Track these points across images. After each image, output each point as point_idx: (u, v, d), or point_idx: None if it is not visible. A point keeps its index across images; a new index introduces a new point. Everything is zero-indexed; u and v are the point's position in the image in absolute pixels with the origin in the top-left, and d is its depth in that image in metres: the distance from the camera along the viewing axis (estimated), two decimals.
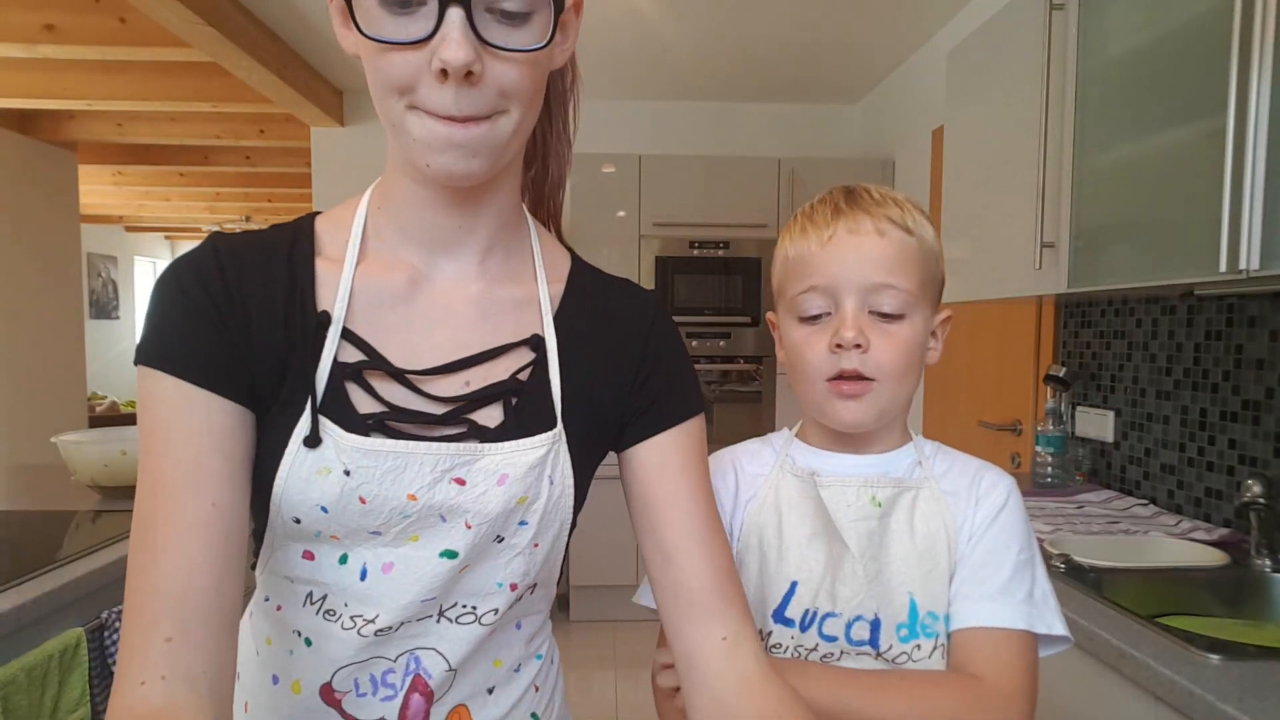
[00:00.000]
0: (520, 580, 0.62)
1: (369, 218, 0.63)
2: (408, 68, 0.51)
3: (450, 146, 0.52)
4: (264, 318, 0.56)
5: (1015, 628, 0.65)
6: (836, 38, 2.97)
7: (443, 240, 0.62)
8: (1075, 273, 1.53)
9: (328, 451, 0.55)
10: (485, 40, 0.50)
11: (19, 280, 3.83)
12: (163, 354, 0.53)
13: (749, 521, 0.72)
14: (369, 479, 0.55)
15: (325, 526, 0.57)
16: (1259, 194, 1.09)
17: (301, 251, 0.60)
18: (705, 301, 3.30)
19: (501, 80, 0.52)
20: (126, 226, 8.09)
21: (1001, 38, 1.82)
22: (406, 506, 0.57)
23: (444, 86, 0.51)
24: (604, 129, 3.74)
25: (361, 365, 0.58)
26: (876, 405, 0.68)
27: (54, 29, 2.61)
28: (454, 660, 0.61)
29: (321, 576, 0.59)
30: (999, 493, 0.70)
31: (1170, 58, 1.30)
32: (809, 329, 0.70)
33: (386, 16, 0.50)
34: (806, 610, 0.68)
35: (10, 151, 3.77)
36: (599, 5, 2.69)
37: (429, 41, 0.50)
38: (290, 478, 0.55)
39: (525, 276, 0.66)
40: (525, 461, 0.59)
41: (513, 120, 0.54)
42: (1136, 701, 1.01)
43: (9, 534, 1.47)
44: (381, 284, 0.60)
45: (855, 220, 0.68)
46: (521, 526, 0.60)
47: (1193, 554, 1.38)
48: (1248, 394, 1.47)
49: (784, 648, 0.69)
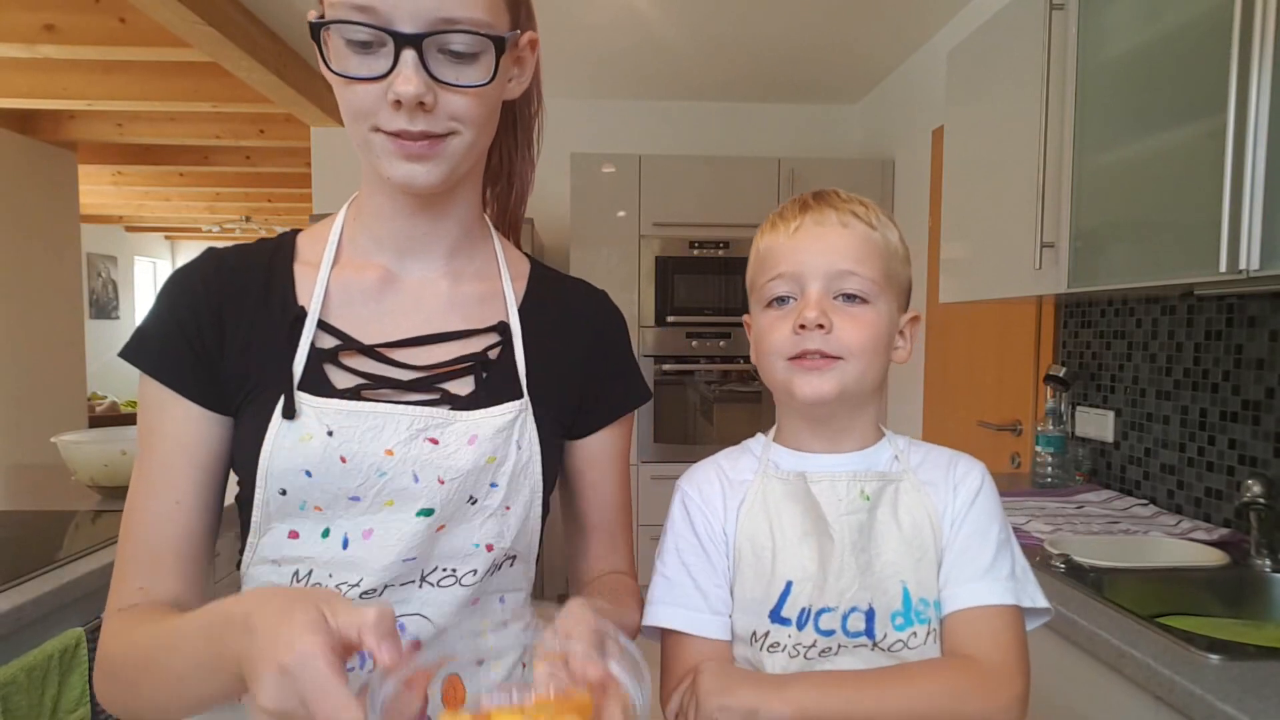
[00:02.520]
0: (495, 541, 0.67)
1: (345, 227, 0.71)
2: (369, 98, 0.59)
3: (408, 158, 0.61)
4: (239, 323, 0.65)
5: (1005, 603, 0.67)
6: (836, 38, 2.97)
7: (410, 244, 0.69)
8: (1075, 273, 1.53)
9: (309, 420, 0.62)
10: (435, 77, 0.59)
11: (19, 280, 3.82)
12: (147, 357, 0.64)
13: (741, 527, 0.73)
14: (350, 437, 0.62)
15: (309, 495, 0.62)
16: (1259, 194, 1.09)
17: (282, 259, 0.69)
18: (705, 301, 3.29)
19: (451, 108, 0.60)
20: (126, 226, 8.09)
21: (1001, 38, 1.82)
22: (384, 463, 0.62)
23: (399, 113, 0.59)
24: (604, 129, 3.74)
25: (337, 349, 0.65)
26: (840, 380, 0.69)
27: (54, 29, 2.61)
28: (439, 621, 0.64)
29: (307, 551, 0.63)
30: (973, 478, 0.73)
31: (1170, 57, 1.30)
32: (775, 313, 0.72)
33: (353, 56, 0.59)
34: (803, 609, 0.69)
35: (10, 151, 3.77)
36: (599, 5, 2.69)
37: (386, 77, 0.58)
38: (275, 448, 0.61)
39: (490, 274, 0.74)
40: (494, 425, 0.65)
41: (465, 140, 0.62)
42: (1136, 701, 1.01)
43: (9, 534, 1.47)
44: (355, 281, 0.68)
45: (821, 213, 0.71)
46: (493, 488, 0.66)
47: (1193, 554, 1.37)
48: (1248, 394, 1.47)
49: (782, 646, 0.69)
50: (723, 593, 0.72)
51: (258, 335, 0.65)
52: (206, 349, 0.64)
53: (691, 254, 3.27)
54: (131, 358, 0.64)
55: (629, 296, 3.26)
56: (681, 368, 3.30)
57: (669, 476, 3.37)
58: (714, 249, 3.27)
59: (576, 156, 3.25)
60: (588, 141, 3.64)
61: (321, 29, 0.60)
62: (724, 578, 0.73)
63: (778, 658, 0.69)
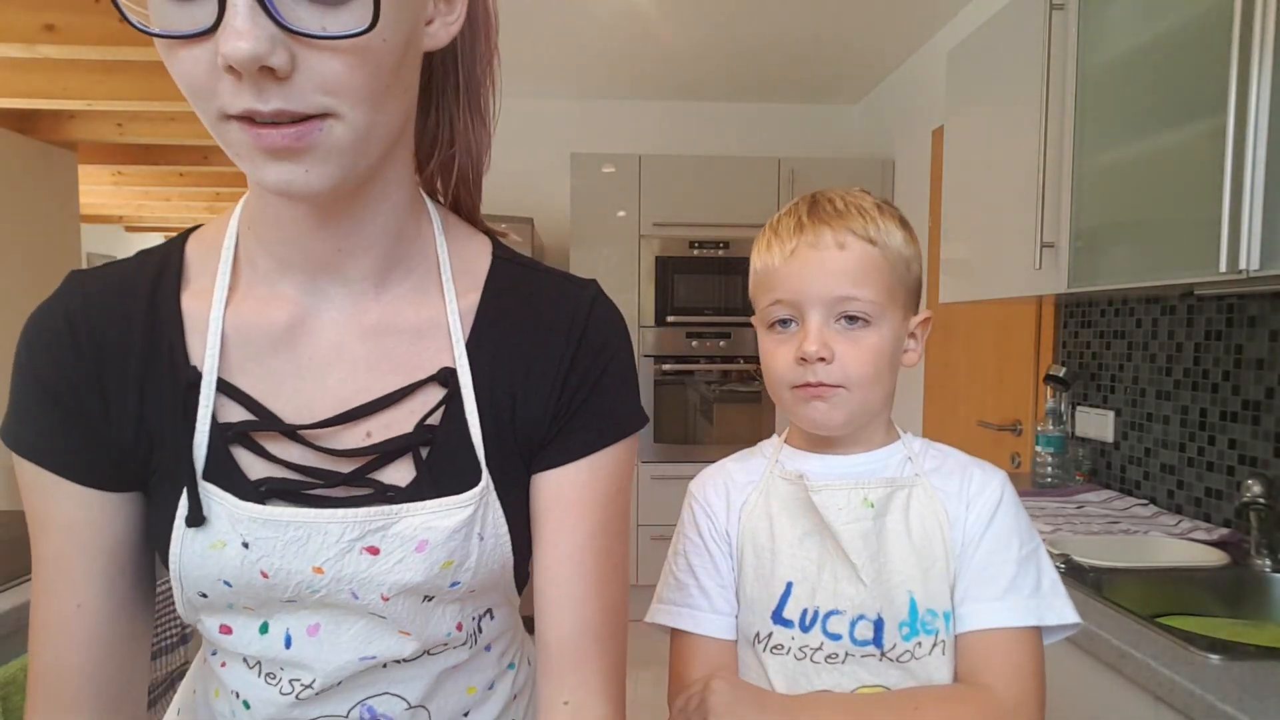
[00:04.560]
0: (465, 620, 0.58)
1: (239, 240, 0.54)
2: (198, 66, 0.41)
3: (270, 156, 0.43)
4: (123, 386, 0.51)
5: (1025, 625, 0.65)
6: (836, 38, 2.97)
7: (323, 266, 0.52)
8: (1075, 273, 1.53)
9: (220, 524, 0.50)
10: (286, 25, 0.40)
11: (19, 280, 3.82)
12: (18, 439, 0.51)
13: (744, 528, 0.73)
14: (269, 551, 0.50)
15: (235, 599, 0.52)
16: (1259, 194, 1.09)
17: (166, 291, 0.53)
18: (705, 301, 3.29)
19: (320, 75, 0.41)
20: (126, 226, 8.09)
21: (1001, 38, 1.82)
22: (313, 580, 0.51)
23: (241, 86, 0.40)
24: (604, 129, 3.74)
25: (246, 425, 0.51)
26: (845, 409, 0.68)
27: (54, 29, 2.61)
28: (414, 698, 0.57)
29: (246, 648, 0.54)
30: (991, 491, 0.69)
31: (1170, 58, 1.30)
32: (776, 337, 0.71)
33: (168, 4, 0.40)
34: (805, 610, 0.68)
35: (10, 151, 3.77)
36: (599, 5, 2.69)
37: (214, 32, 0.39)
38: (184, 555, 0.51)
39: (430, 294, 0.56)
40: (446, 526, 0.51)
41: (350, 124, 0.43)
42: (1136, 701, 1.01)
43: (9, 534, 1.47)
44: (257, 326, 0.52)
45: (816, 234, 0.69)
46: (454, 587, 0.54)
47: (1193, 554, 1.37)
48: (1248, 394, 1.47)
49: (785, 649, 0.69)
50: (727, 593, 0.73)
51: (149, 404, 0.51)
52: (89, 420, 0.51)
53: (691, 254, 3.27)
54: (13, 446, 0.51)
55: (629, 296, 3.26)
56: (681, 368, 3.30)
57: (669, 477, 3.37)
58: (714, 249, 3.27)
59: (576, 156, 3.25)
60: (588, 141, 3.64)
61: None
62: (729, 578, 0.73)
63: (783, 660, 0.69)
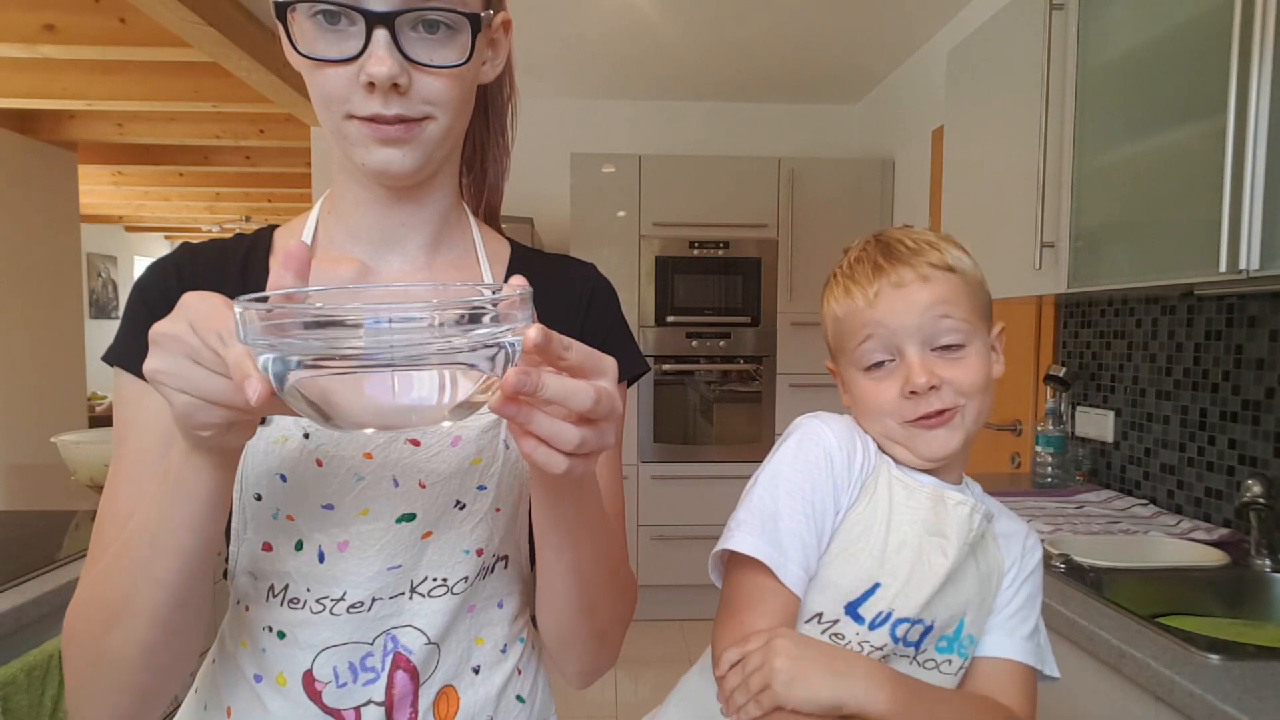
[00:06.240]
0: (485, 545, 0.64)
1: (320, 222, 0.68)
2: (340, 80, 0.56)
3: (383, 144, 0.58)
4: None
5: (1034, 666, 0.73)
6: (836, 38, 2.97)
7: (387, 237, 0.67)
8: (1075, 273, 1.53)
9: (284, 421, 0.58)
10: (409, 57, 0.56)
11: (19, 280, 3.82)
12: (119, 355, 0.61)
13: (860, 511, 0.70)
14: (326, 439, 0.59)
15: (282, 502, 0.59)
16: (1259, 194, 1.09)
17: (257, 254, 0.67)
18: (705, 301, 3.29)
19: (426, 91, 0.58)
20: (126, 226, 8.09)
21: (1001, 38, 1.82)
22: (361, 466, 0.59)
23: (372, 96, 0.56)
24: (604, 129, 3.74)
25: None
26: (962, 429, 0.70)
27: (54, 29, 2.61)
28: (433, 633, 0.62)
29: (281, 565, 0.61)
30: (1039, 551, 0.77)
31: (1170, 58, 1.30)
32: (875, 376, 0.72)
33: (320, 36, 0.56)
34: (880, 612, 0.68)
35: (10, 151, 3.77)
36: (599, 5, 2.69)
37: (359, 59, 0.55)
38: (250, 450, 0.58)
39: (469, 265, 0.70)
40: (478, 424, 0.62)
41: (440, 125, 0.60)
42: (1136, 701, 1.01)
43: (9, 534, 1.47)
44: (330, 275, 0.65)
45: (898, 274, 0.70)
46: (481, 491, 0.63)
47: (1193, 554, 1.37)
48: (1248, 394, 1.47)
49: (845, 640, 0.68)
50: (812, 553, 0.69)
51: None
52: None
53: (691, 254, 3.27)
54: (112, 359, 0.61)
55: (629, 297, 3.25)
56: (681, 368, 3.30)
57: (669, 477, 3.38)
58: (714, 249, 3.27)
59: (576, 156, 3.25)
60: (588, 141, 3.64)
61: (288, 9, 0.56)
62: (821, 541, 0.69)
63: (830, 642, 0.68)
